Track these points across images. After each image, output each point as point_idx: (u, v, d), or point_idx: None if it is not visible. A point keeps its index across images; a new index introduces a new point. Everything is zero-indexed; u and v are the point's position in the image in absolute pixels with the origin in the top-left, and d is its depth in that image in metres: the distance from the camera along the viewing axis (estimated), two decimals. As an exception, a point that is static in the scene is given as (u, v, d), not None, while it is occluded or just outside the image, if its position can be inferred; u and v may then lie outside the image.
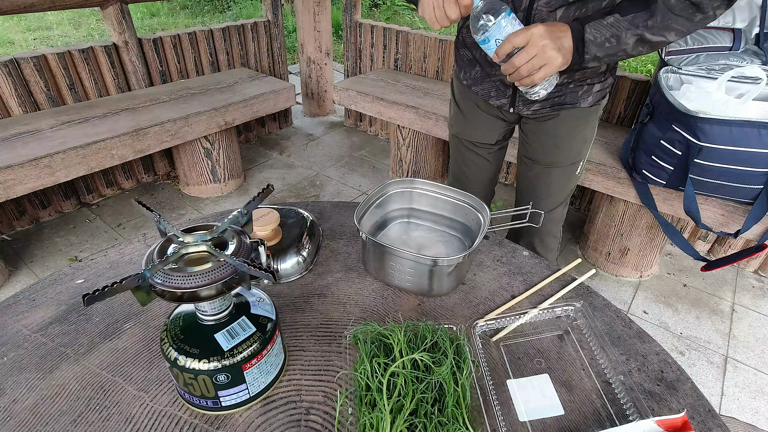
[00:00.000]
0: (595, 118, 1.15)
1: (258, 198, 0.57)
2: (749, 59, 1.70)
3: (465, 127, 1.26)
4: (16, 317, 0.69)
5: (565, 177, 1.23)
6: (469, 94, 1.20)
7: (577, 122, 1.13)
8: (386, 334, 0.63)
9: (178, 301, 0.46)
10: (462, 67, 1.17)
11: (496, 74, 1.07)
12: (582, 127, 1.15)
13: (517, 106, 1.11)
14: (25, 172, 1.68)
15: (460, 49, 1.15)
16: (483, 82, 1.12)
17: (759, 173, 1.42)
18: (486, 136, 1.25)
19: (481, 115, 1.21)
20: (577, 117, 1.12)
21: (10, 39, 5.00)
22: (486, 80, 1.11)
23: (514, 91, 1.08)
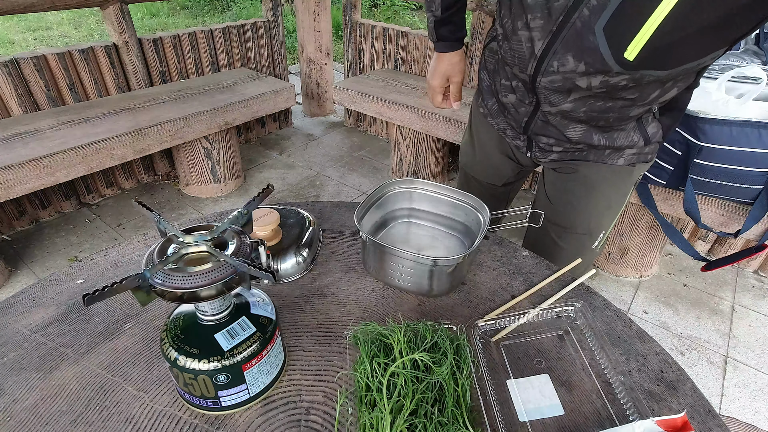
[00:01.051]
0: (628, 182, 0.97)
1: (258, 198, 0.57)
2: (749, 59, 1.70)
3: (473, 162, 1.17)
4: (16, 317, 0.69)
5: (577, 247, 1.03)
6: (485, 125, 1.08)
7: (602, 182, 0.96)
8: (386, 334, 0.63)
9: (178, 301, 0.46)
10: (481, 93, 1.07)
11: (510, 115, 0.96)
12: (607, 190, 0.97)
13: (533, 152, 0.99)
14: (25, 172, 1.68)
15: (481, 71, 1.05)
16: (499, 117, 1.02)
17: (759, 173, 1.42)
18: (494, 176, 1.15)
19: (494, 152, 1.10)
20: (603, 176, 0.95)
21: (10, 39, 5.00)
22: (501, 116, 1.01)
23: (529, 138, 0.97)
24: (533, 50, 0.76)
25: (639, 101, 0.77)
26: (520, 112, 0.91)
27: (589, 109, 0.80)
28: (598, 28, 0.65)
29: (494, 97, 1.00)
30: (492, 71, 0.97)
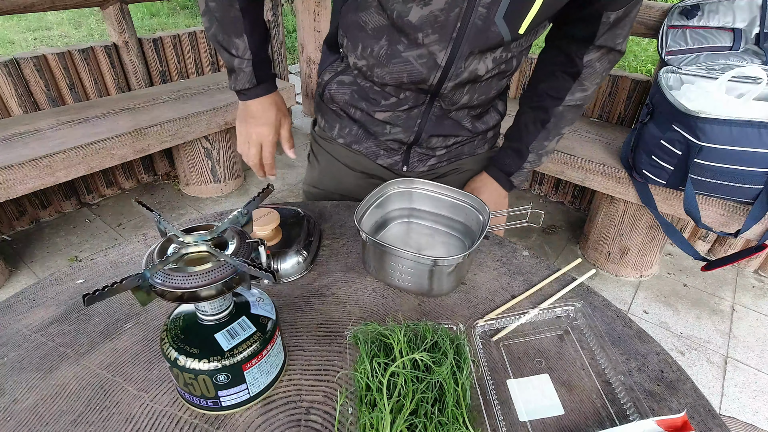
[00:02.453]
0: None
1: (258, 198, 0.57)
2: (749, 59, 1.70)
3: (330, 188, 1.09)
4: (16, 317, 0.69)
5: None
6: (342, 153, 1.03)
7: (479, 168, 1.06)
8: (386, 334, 0.63)
9: (178, 301, 0.46)
10: (332, 123, 1.01)
11: (386, 133, 0.94)
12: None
13: (411, 164, 1.00)
14: (25, 172, 1.68)
15: (329, 105, 0.98)
16: (366, 141, 0.98)
17: (759, 173, 1.42)
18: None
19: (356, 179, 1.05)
20: (478, 163, 1.06)
21: (10, 39, 5.00)
22: (370, 139, 0.98)
23: (408, 148, 0.97)
24: (436, 62, 0.79)
25: (508, 73, 0.88)
26: (412, 115, 0.91)
27: (480, 93, 0.88)
28: (499, 18, 0.73)
29: (355, 125, 0.97)
30: (347, 101, 0.93)
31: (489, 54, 0.79)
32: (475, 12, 0.72)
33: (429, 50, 0.78)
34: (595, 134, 2.08)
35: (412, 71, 0.82)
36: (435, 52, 0.78)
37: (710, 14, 1.70)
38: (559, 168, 1.94)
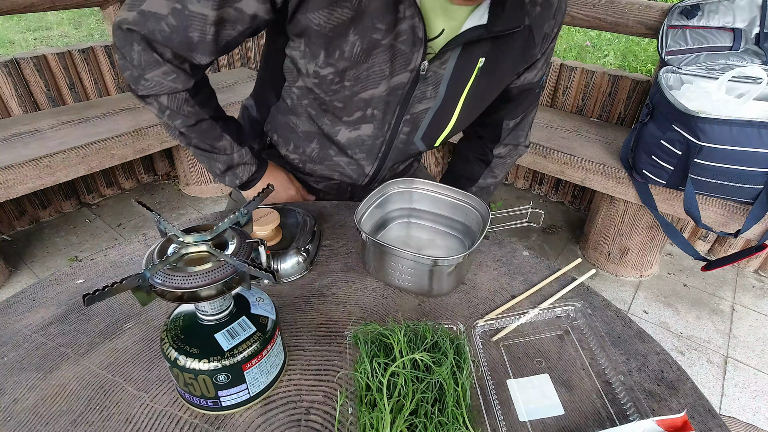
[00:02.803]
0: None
1: (258, 198, 0.57)
2: (749, 59, 1.70)
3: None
4: (16, 317, 0.69)
5: None
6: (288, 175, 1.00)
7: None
8: (386, 334, 0.63)
9: (178, 301, 0.46)
10: (286, 138, 0.94)
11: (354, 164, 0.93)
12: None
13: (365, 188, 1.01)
14: (25, 172, 1.68)
15: (288, 115, 0.90)
16: (324, 162, 0.94)
17: (759, 173, 1.42)
18: None
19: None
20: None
21: (10, 39, 5.00)
22: (328, 162, 0.93)
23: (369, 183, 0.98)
24: (364, 171, 0.94)
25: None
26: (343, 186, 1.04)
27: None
28: (417, 139, 0.90)
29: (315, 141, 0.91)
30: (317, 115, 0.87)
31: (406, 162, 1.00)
32: (397, 138, 0.87)
33: (358, 163, 0.92)
34: (595, 134, 2.08)
35: (343, 172, 0.95)
36: (363, 165, 0.92)
37: (710, 14, 1.70)
38: (559, 168, 1.94)
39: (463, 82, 0.80)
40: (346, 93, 0.78)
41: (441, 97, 0.81)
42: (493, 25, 0.72)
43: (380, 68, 0.75)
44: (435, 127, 0.87)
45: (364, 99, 0.79)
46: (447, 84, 0.80)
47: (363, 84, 0.77)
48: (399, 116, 0.83)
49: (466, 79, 0.80)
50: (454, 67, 0.78)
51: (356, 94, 0.78)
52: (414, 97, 0.80)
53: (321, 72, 0.75)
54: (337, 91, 0.78)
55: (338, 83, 0.77)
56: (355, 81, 0.76)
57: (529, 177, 2.75)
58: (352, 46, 0.71)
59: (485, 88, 0.85)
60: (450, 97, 0.82)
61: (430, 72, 0.77)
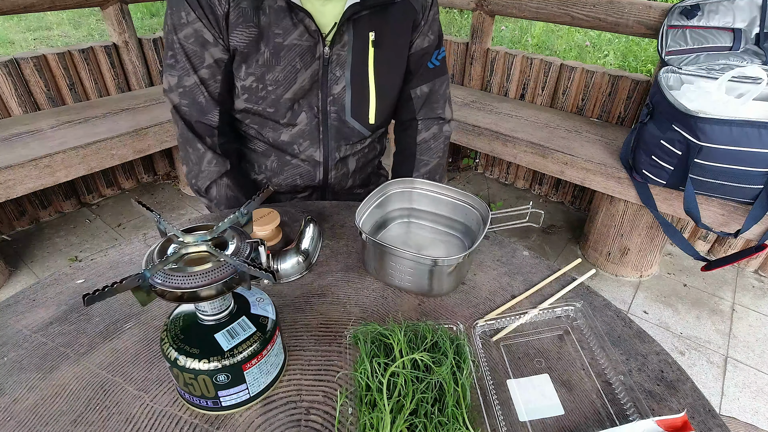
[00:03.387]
0: None
1: (258, 198, 0.57)
2: (749, 59, 1.70)
3: None
4: (16, 317, 0.69)
5: None
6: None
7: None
8: (386, 334, 0.63)
9: (178, 301, 0.46)
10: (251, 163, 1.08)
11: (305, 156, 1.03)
12: None
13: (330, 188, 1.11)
14: (25, 172, 1.68)
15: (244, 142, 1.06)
16: (284, 170, 1.06)
17: (759, 173, 1.42)
18: None
19: None
20: None
21: (10, 39, 5.00)
22: (287, 168, 1.05)
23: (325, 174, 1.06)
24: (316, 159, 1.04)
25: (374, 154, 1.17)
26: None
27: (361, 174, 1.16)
28: (348, 117, 0.99)
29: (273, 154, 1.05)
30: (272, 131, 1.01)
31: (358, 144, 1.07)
32: (329, 118, 0.98)
33: (306, 154, 1.03)
34: (595, 134, 2.08)
35: (303, 173, 1.05)
36: (312, 154, 1.03)
37: (710, 14, 1.70)
38: (559, 168, 1.94)
39: (363, 57, 0.93)
40: (272, 97, 0.93)
41: (349, 76, 0.94)
42: (363, 3, 0.86)
43: (292, 66, 0.90)
44: (358, 103, 0.98)
45: (288, 98, 0.94)
46: (350, 62, 0.93)
47: (283, 85, 0.92)
48: (323, 99, 0.96)
49: (365, 55, 0.92)
50: (352, 47, 0.91)
51: (281, 96, 0.93)
52: (329, 81, 0.94)
53: (246, 84, 0.92)
54: (264, 97, 0.93)
55: (262, 89, 0.92)
56: (275, 84, 0.91)
57: (529, 177, 2.75)
58: (263, 54, 0.88)
59: (388, 59, 0.96)
60: (357, 73, 0.94)
61: (334, 55, 0.91)
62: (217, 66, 0.91)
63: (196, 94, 0.92)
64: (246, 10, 0.84)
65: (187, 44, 0.88)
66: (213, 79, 0.92)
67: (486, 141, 2.09)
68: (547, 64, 2.30)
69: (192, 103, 0.93)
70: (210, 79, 0.92)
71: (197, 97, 0.93)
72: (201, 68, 0.90)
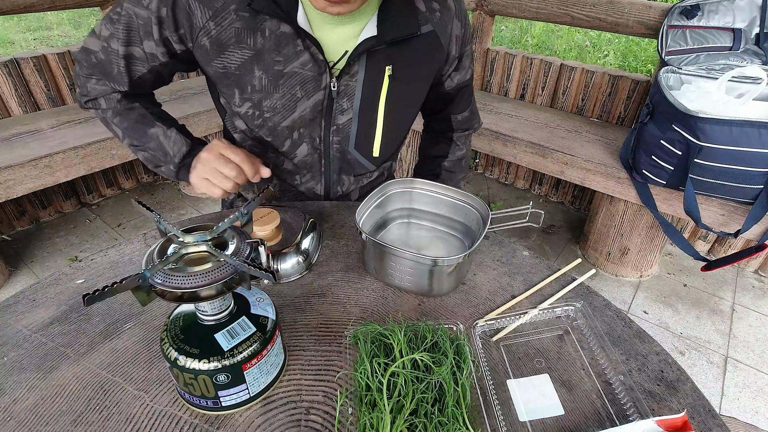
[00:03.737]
0: None
1: (258, 198, 0.57)
2: (749, 59, 1.70)
3: None
4: (16, 317, 0.69)
5: None
6: None
7: None
8: (386, 334, 0.63)
9: (178, 301, 0.46)
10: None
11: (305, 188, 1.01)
12: None
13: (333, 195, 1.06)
14: (25, 172, 1.68)
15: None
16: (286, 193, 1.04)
17: (759, 173, 1.42)
18: None
19: None
20: None
21: (10, 39, 5.00)
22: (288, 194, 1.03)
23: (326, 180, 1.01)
24: (316, 192, 1.02)
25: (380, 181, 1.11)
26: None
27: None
28: (351, 148, 0.95)
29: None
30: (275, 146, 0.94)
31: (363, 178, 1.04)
32: (332, 149, 0.94)
33: (307, 186, 1.01)
34: (595, 134, 2.08)
35: (302, 195, 1.03)
36: (313, 186, 1.01)
37: (710, 14, 1.70)
38: (559, 168, 1.94)
39: (376, 91, 0.87)
40: (270, 125, 0.88)
41: (357, 107, 0.89)
42: (383, 34, 0.80)
43: (291, 95, 0.84)
44: (363, 135, 0.93)
45: (287, 127, 0.89)
46: (360, 95, 0.87)
47: (281, 113, 0.86)
48: (326, 129, 0.91)
49: (378, 88, 0.87)
50: (364, 79, 0.86)
51: (278, 124, 0.88)
52: (334, 111, 0.88)
53: (241, 111, 0.87)
54: (261, 125, 0.89)
55: (259, 117, 0.87)
56: (273, 111, 0.86)
57: (529, 177, 2.75)
58: (260, 79, 0.83)
59: (402, 93, 0.90)
60: (367, 106, 0.89)
61: (342, 86, 0.85)
62: (148, 59, 0.82)
63: (110, 59, 0.81)
64: (240, 31, 0.78)
65: (135, 19, 0.78)
66: (142, 66, 0.83)
67: (486, 141, 2.09)
68: (547, 64, 2.30)
69: (105, 62, 0.82)
70: (139, 64, 0.83)
71: (111, 63, 0.82)
72: (134, 46, 0.80)
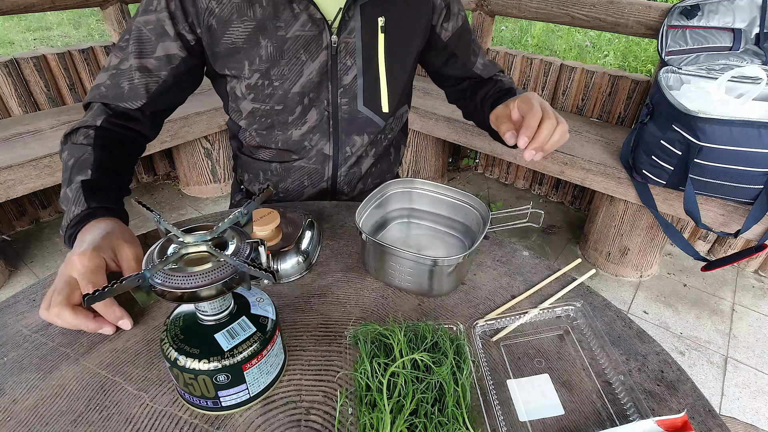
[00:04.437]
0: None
1: (258, 198, 0.57)
2: (749, 59, 1.70)
3: None
4: (16, 317, 0.69)
5: None
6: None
7: None
8: (386, 334, 0.63)
9: (178, 301, 0.46)
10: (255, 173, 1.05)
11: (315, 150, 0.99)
12: None
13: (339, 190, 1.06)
14: (25, 172, 1.68)
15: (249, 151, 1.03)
16: (290, 174, 1.02)
17: (759, 173, 1.42)
18: None
19: None
20: None
21: (10, 39, 5.00)
22: (293, 171, 1.01)
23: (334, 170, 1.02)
24: (324, 153, 0.99)
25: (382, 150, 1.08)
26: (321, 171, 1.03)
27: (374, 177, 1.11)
28: (361, 106, 0.95)
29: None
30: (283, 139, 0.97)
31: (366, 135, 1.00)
32: (340, 110, 0.94)
33: (317, 148, 0.98)
34: (595, 134, 2.08)
35: (310, 172, 1.01)
36: (322, 147, 0.98)
37: (710, 14, 1.70)
38: (559, 168, 1.94)
39: (373, 44, 0.90)
40: (279, 93, 0.89)
41: (361, 63, 0.91)
42: None
43: (296, 58, 0.86)
44: (370, 91, 0.95)
45: (297, 92, 0.90)
46: (361, 50, 0.90)
47: (290, 79, 0.88)
48: (334, 90, 0.92)
49: (374, 41, 0.90)
50: (361, 34, 0.88)
51: (288, 91, 0.89)
52: (339, 71, 0.90)
53: (251, 82, 0.88)
54: (271, 94, 0.89)
55: (269, 86, 0.88)
56: (281, 78, 0.88)
57: (529, 177, 2.75)
58: (266, 48, 0.84)
59: (398, 44, 0.93)
60: (368, 60, 0.91)
61: (342, 43, 0.88)
62: (167, 61, 0.83)
63: (122, 79, 0.82)
64: (240, 5, 0.80)
65: (144, 29, 0.80)
66: (155, 73, 0.83)
67: (486, 141, 2.09)
68: (547, 64, 2.30)
69: (113, 85, 0.82)
70: (152, 71, 0.83)
71: (121, 82, 0.82)
72: (147, 57, 0.81)
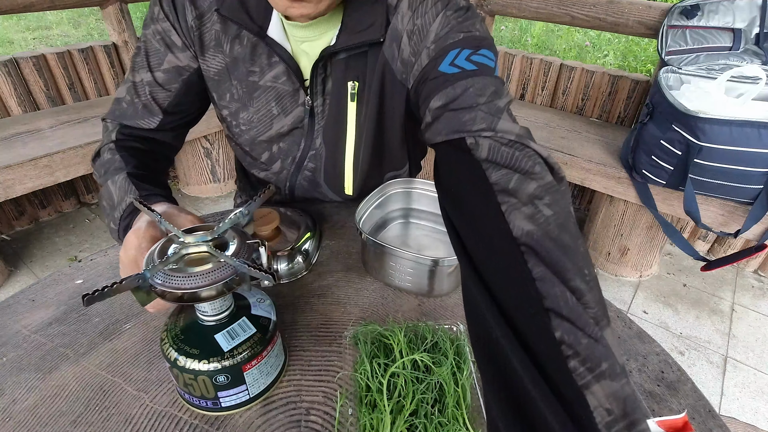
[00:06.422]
0: None
1: (258, 198, 0.57)
2: (749, 59, 1.70)
3: None
4: (16, 317, 0.69)
5: None
6: None
7: None
8: (386, 335, 0.63)
9: (178, 302, 0.46)
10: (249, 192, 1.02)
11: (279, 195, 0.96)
12: None
13: None
14: (24, 171, 1.68)
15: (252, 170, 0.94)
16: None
17: (759, 173, 1.42)
18: None
19: None
20: None
21: (9, 39, 5.00)
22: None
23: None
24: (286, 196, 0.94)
25: None
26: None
27: None
28: (322, 180, 0.88)
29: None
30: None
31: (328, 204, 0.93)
32: (301, 174, 0.87)
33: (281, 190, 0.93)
34: (595, 134, 2.08)
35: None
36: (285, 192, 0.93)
37: (710, 14, 1.70)
38: (559, 168, 1.94)
39: (341, 114, 0.76)
40: (246, 137, 0.84)
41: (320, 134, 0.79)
42: (337, 43, 0.69)
43: (267, 110, 0.79)
44: (331, 167, 0.83)
45: (264, 141, 0.84)
46: (326, 118, 0.77)
47: (257, 128, 0.81)
48: (305, 149, 0.83)
49: (343, 110, 0.76)
50: (330, 99, 0.76)
51: (256, 138, 0.83)
52: (316, 132, 0.81)
53: (222, 114, 0.83)
54: (240, 134, 0.84)
55: (237, 126, 0.83)
56: (249, 125, 0.81)
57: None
58: (236, 89, 0.78)
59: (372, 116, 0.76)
60: (331, 132, 0.79)
61: (318, 107, 0.78)
62: (177, 73, 0.76)
63: (136, 95, 0.77)
64: (218, 35, 0.73)
65: (152, 41, 0.75)
66: (166, 86, 0.77)
67: (486, 141, 2.09)
68: (547, 64, 2.30)
69: (130, 102, 0.77)
70: (163, 85, 0.77)
71: (135, 99, 0.77)
72: (157, 70, 0.76)
